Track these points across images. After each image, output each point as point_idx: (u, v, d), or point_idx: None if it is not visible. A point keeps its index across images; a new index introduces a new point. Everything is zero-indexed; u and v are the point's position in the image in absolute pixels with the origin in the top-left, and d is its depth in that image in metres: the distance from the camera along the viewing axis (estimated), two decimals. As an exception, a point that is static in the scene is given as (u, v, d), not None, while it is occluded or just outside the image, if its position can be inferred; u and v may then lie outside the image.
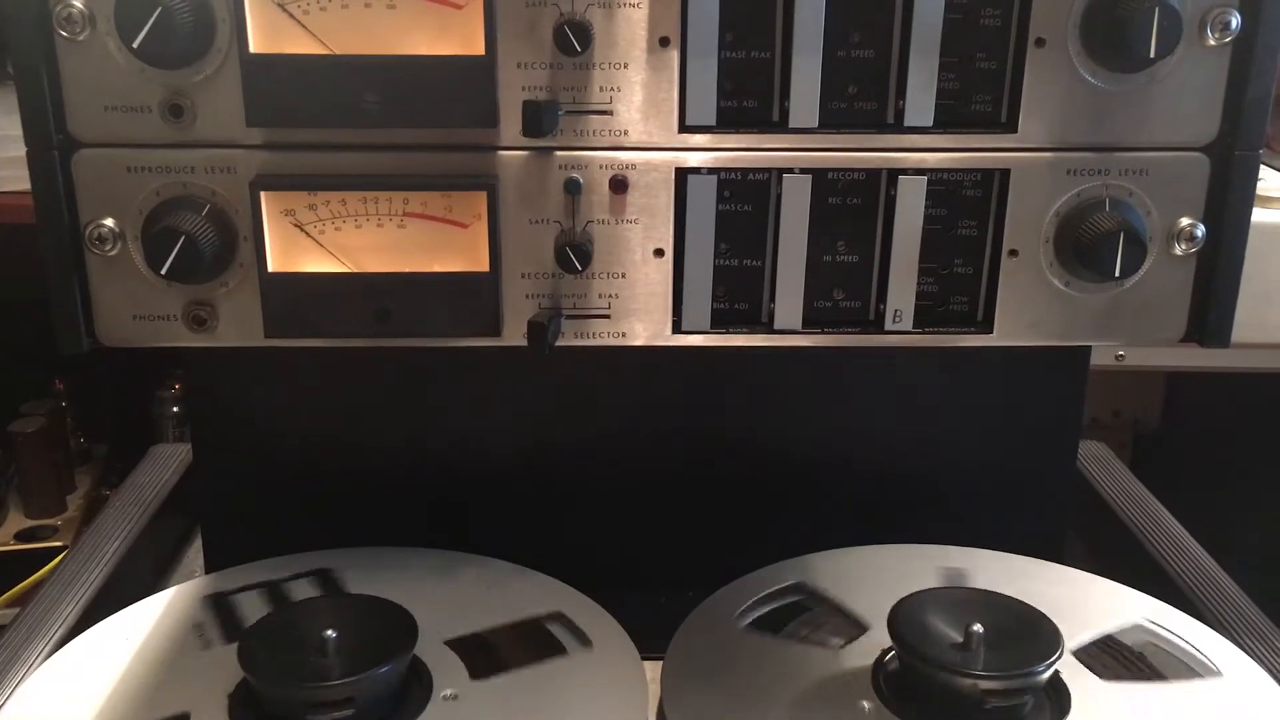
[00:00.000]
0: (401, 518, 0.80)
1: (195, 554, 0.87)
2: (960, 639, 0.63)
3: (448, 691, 0.65)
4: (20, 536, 1.35)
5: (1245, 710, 0.65)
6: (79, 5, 0.59)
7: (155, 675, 0.66)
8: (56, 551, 1.27)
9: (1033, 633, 0.64)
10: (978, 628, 0.63)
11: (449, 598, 0.73)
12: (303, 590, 0.74)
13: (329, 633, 0.62)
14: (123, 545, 0.84)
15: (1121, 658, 0.69)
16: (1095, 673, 0.67)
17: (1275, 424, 1.35)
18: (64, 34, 0.59)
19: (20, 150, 0.61)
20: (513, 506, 0.81)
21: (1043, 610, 0.65)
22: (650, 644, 0.69)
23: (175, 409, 1.46)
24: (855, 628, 0.71)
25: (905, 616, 0.65)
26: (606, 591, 0.73)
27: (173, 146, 0.61)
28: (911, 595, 0.66)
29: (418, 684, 0.65)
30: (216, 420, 0.80)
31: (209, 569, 0.81)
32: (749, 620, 0.72)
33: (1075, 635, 0.68)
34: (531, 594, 0.74)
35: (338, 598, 0.72)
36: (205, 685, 0.65)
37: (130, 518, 0.87)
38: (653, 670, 0.67)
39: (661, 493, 0.81)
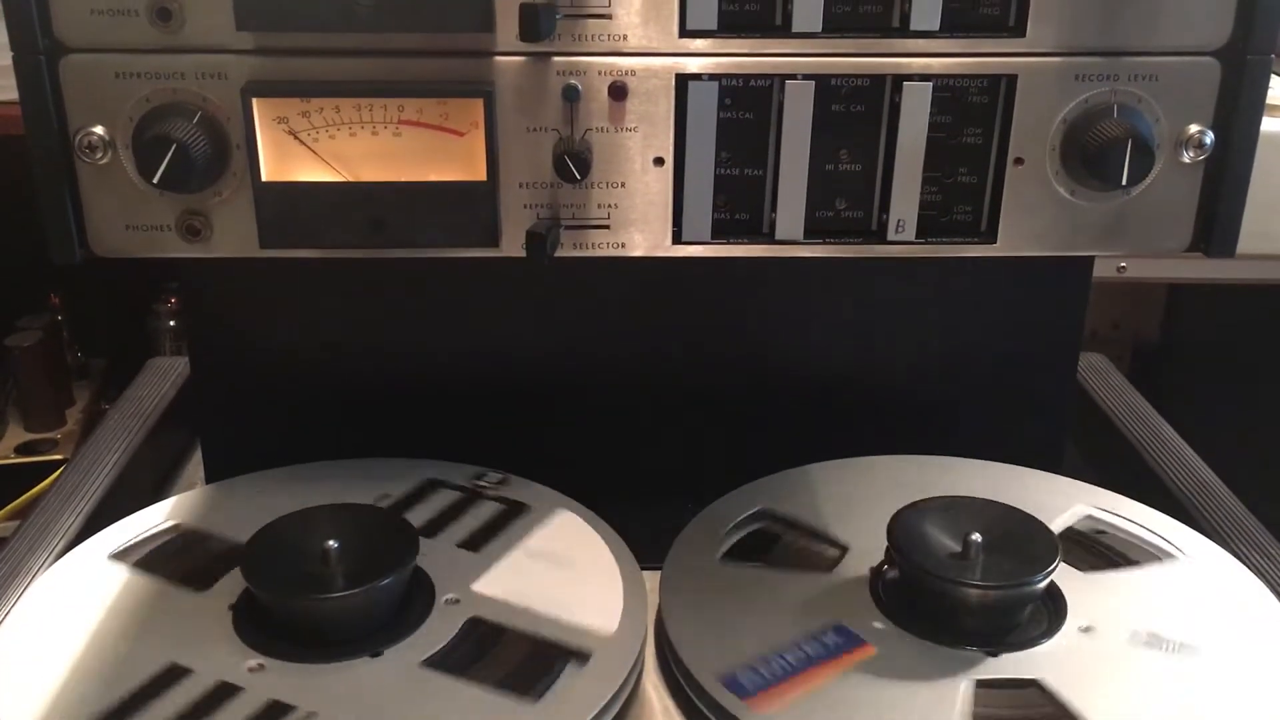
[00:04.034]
0: (400, 428, 0.80)
1: (195, 466, 0.87)
2: (959, 547, 0.63)
3: (450, 595, 0.65)
4: (20, 450, 1.35)
5: (1216, 584, 0.67)
6: (61, -96, 0.57)
7: (159, 585, 0.67)
8: (56, 465, 1.27)
9: (1030, 543, 0.64)
10: (976, 536, 0.63)
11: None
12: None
13: (331, 543, 0.62)
14: (122, 457, 0.84)
15: (1088, 548, 0.70)
16: (1074, 566, 0.68)
17: (1274, 336, 1.35)
18: (46, -66, 0.58)
19: (6, 58, 0.60)
20: (511, 418, 0.80)
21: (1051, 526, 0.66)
22: (648, 553, 0.70)
23: (172, 323, 1.46)
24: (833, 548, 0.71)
25: (904, 526, 0.65)
26: (603, 502, 0.73)
27: (162, 51, 0.60)
28: (909, 505, 0.66)
29: (420, 593, 0.65)
30: (214, 332, 0.80)
31: (209, 480, 0.81)
32: (725, 549, 0.71)
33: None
34: (531, 504, 0.74)
35: (339, 508, 0.72)
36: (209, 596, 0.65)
37: (129, 430, 0.87)
38: (650, 580, 0.68)
39: (660, 403, 0.80)
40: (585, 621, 0.64)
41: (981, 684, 0.59)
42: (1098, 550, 0.70)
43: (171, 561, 0.68)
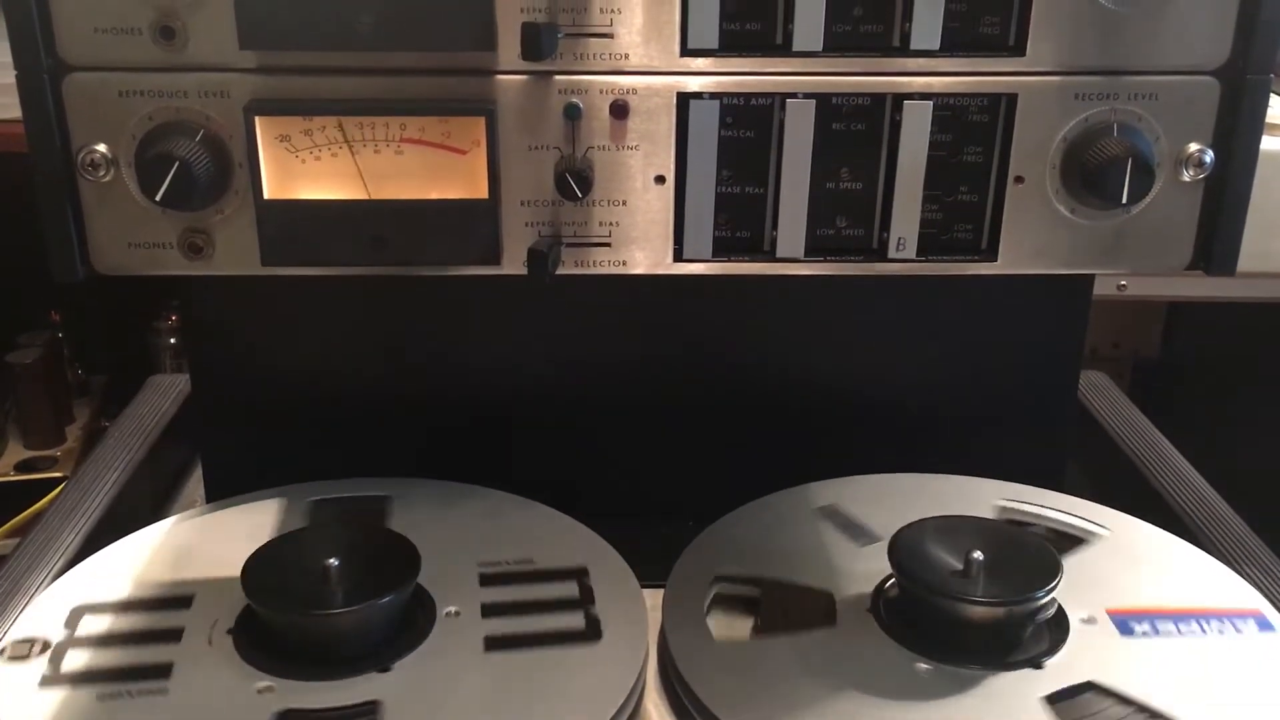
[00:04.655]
0: (399, 447, 0.80)
1: (195, 484, 0.87)
2: (960, 566, 0.63)
3: (450, 609, 0.65)
4: (20, 468, 1.35)
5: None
6: (65, -76, 0.57)
7: (158, 599, 0.67)
8: (56, 482, 1.27)
9: (1032, 562, 0.64)
10: (977, 555, 0.63)
11: (448, 528, 0.73)
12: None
13: (332, 561, 0.62)
14: (122, 475, 0.84)
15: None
16: None
17: (1274, 354, 1.35)
18: (50, -47, 0.58)
19: (10, 77, 0.60)
20: (510, 435, 0.80)
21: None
22: (649, 572, 0.70)
23: (172, 340, 1.45)
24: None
25: (906, 544, 0.65)
26: (604, 520, 0.73)
27: (165, 70, 0.60)
28: (911, 524, 0.66)
29: (421, 610, 0.65)
30: (214, 350, 0.80)
31: (210, 499, 0.81)
32: (728, 568, 0.71)
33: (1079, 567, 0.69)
34: (530, 523, 0.74)
35: (341, 526, 0.72)
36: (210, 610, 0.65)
37: (130, 448, 0.87)
38: (652, 598, 0.68)
39: (661, 421, 0.80)
40: (586, 638, 0.64)
41: (1049, 699, 0.60)
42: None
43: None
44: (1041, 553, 0.65)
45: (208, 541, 0.72)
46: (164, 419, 0.91)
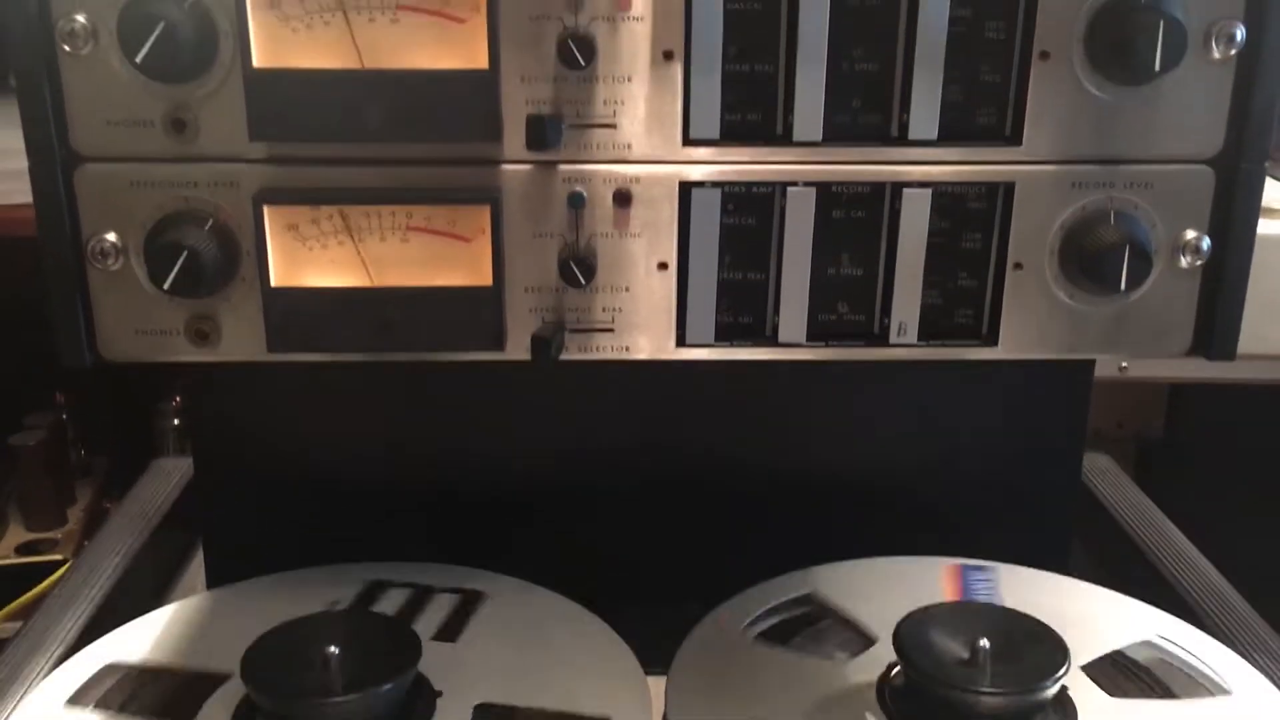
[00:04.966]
0: (402, 532, 0.80)
1: (196, 569, 0.86)
2: (967, 654, 0.63)
3: (451, 696, 0.65)
4: (20, 550, 1.34)
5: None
6: (82, 19, 0.59)
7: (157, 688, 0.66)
8: (56, 565, 1.26)
9: (1040, 648, 0.63)
10: (984, 643, 0.62)
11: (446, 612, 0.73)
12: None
13: (332, 649, 0.62)
14: (124, 560, 0.83)
15: (1130, 674, 0.69)
16: (1103, 689, 0.66)
17: (1278, 436, 1.35)
18: (67, 48, 0.59)
19: (22, 163, 0.61)
20: (513, 519, 0.80)
21: (1052, 625, 0.65)
22: (652, 657, 0.69)
23: (176, 421, 1.45)
24: (863, 640, 0.70)
25: (911, 631, 0.64)
26: (608, 605, 0.73)
27: (175, 161, 0.61)
28: (917, 610, 0.66)
29: (420, 698, 0.65)
30: (217, 434, 0.80)
31: (210, 585, 0.81)
32: (756, 631, 0.72)
33: (1084, 650, 0.68)
34: (533, 609, 0.74)
35: (342, 613, 0.71)
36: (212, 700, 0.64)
37: (132, 532, 0.87)
38: (655, 685, 0.67)
39: (664, 506, 0.80)
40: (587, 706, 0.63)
41: None
42: (1138, 677, 0.69)
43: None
44: (1047, 637, 0.64)
45: (208, 628, 0.72)
46: (166, 503, 0.91)
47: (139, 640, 0.71)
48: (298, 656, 0.63)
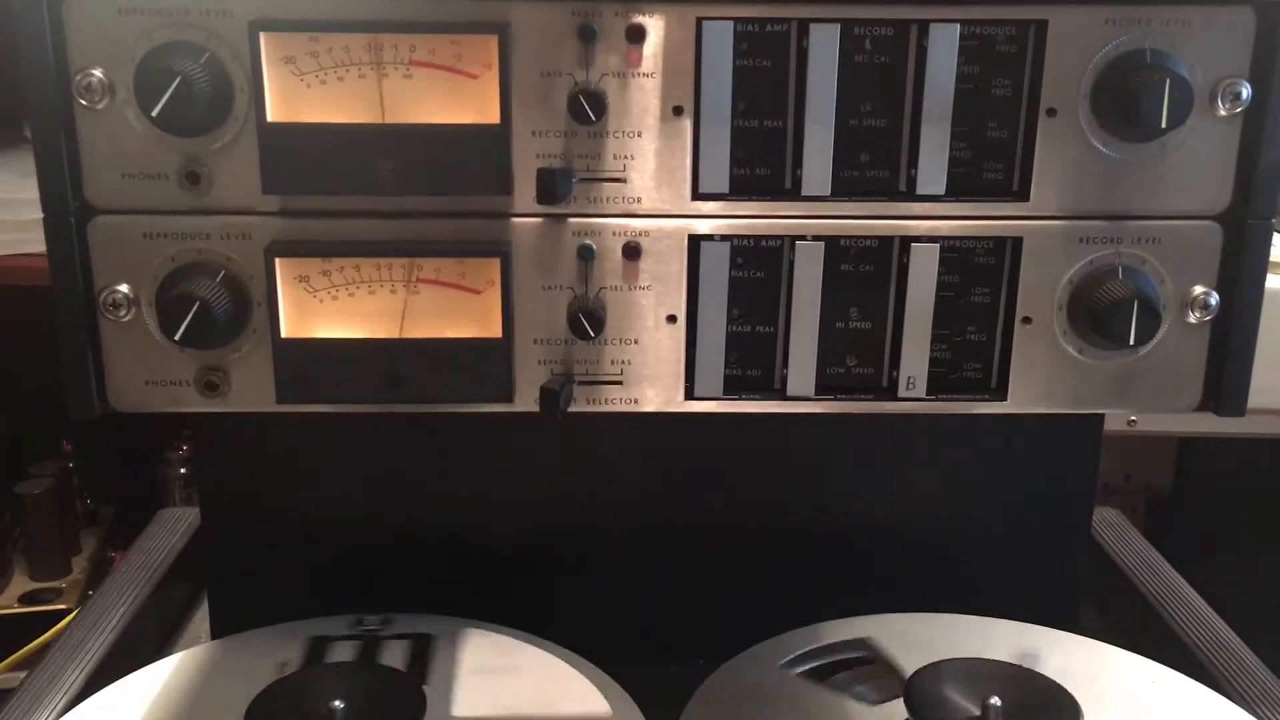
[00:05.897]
0: (408, 584, 0.79)
1: (201, 619, 0.86)
2: (978, 711, 0.62)
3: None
4: (24, 599, 1.34)
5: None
6: (98, 74, 0.59)
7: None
8: (61, 615, 1.26)
9: (1051, 709, 0.63)
10: (995, 700, 0.62)
11: (455, 666, 0.72)
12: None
13: (336, 703, 0.61)
14: (129, 610, 0.83)
15: None
16: None
17: (1288, 489, 1.34)
18: (83, 102, 0.60)
19: (35, 213, 0.61)
20: (521, 573, 0.80)
21: (1064, 684, 0.64)
22: (658, 712, 0.68)
23: (183, 470, 1.46)
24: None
25: (923, 686, 0.64)
26: (615, 661, 0.72)
27: (189, 213, 0.62)
28: (930, 665, 0.65)
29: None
30: (224, 484, 0.80)
31: (215, 635, 0.81)
32: (798, 670, 0.71)
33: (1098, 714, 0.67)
34: (539, 664, 0.73)
35: (346, 666, 0.71)
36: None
37: (137, 583, 0.87)
38: None
39: (671, 558, 0.80)
40: None
41: None
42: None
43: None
44: (1058, 698, 0.64)
45: (211, 680, 0.71)
46: (172, 554, 0.91)
47: (143, 691, 0.70)
48: (302, 710, 0.62)
